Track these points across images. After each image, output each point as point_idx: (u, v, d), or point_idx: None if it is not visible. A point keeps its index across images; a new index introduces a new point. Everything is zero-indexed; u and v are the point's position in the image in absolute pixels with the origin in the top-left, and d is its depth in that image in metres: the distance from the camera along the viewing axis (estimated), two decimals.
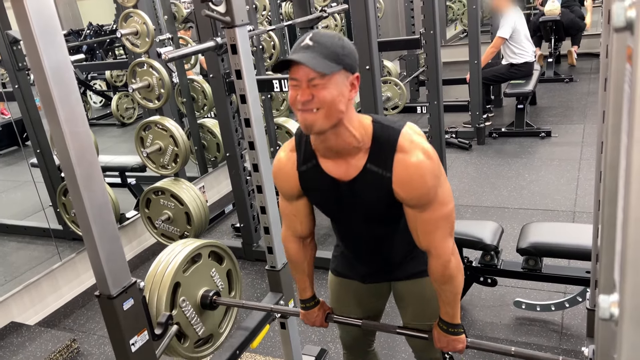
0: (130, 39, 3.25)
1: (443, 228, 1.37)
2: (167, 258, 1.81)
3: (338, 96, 1.25)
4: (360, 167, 1.36)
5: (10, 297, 3.08)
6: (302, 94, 1.24)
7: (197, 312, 1.86)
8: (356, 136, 1.32)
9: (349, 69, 1.27)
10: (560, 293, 2.83)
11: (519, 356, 1.49)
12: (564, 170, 4.31)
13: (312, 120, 1.25)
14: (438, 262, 1.40)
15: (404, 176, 1.31)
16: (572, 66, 7.35)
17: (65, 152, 1.29)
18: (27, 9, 1.18)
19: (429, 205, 1.34)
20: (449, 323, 1.49)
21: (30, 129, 3.73)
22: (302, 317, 1.73)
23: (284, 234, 1.64)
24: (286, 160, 1.46)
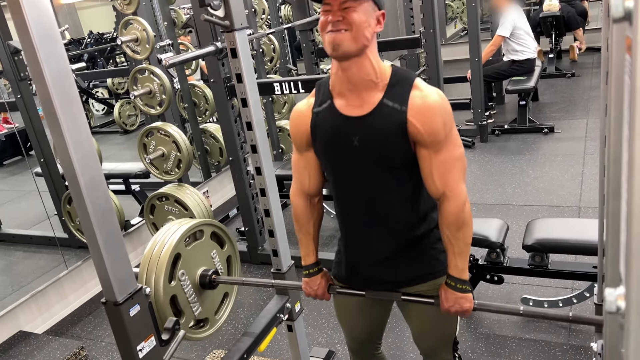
0: (130, 46, 3.26)
1: (457, 169, 1.40)
2: (165, 235, 1.80)
3: (365, 22, 1.33)
4: (375, 104, 1.39)
5: (17, 306, 3.09)
6: (333, 16, 1.33)
7: (195, 291, 1.83)
8: (375, 69, 1.38)
9: (377, 2, 1.37)
10: (567, 289, 2.82)
11: (528, 315, 1.46)
12: (568, 166, 4.29)
13: (340, 40, 1.32)
14: (454, 204, 1.40)
15: (420, 108, 1.36)
16: (573, 61, 7.33)
17: (68, 160, 1.30)
18: (27, 19, 1.19)
19: (444, 143, 1.37)
20: (458, 279, 1.46)
21: (34, 139, 3.74)
22: (304, 285, 1.69)
23: (292, 189, 1.64)
24: (304, 104, 1.52)
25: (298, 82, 2.85)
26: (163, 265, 1.70)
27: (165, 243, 1.76)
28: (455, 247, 1.44)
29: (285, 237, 2.19)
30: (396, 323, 2.71)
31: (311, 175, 1.58)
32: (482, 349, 2.51)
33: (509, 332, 2.59)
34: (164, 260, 1.71)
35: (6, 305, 3.09)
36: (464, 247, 1.44)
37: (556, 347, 2.45)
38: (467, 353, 2.49)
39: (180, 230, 1.80)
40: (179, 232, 1.79)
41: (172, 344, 1.67)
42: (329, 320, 2.89)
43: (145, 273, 1.71)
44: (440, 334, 1.67)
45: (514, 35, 5.17)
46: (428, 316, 1.63)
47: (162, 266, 1.70)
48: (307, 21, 3.71)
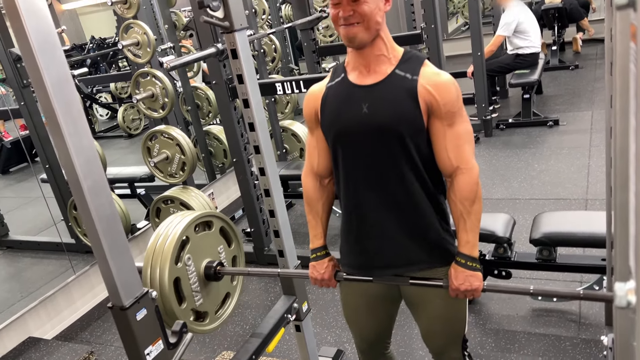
0: (131, 50, 3.26)
1: (469, 144, 1.44)
2: (180, 216, 1.81)
3: (375, 9, 1.38)
4: (387, 73, 1.44)
5: (27, 312, 3.10)
6: (343, 10, 1.37)
7: (199, 281, 1.81)
8: (387, 46, 1.44)
9: None
10: (576, 282, 2.80)
11: (538, 294, 1.44)
12: (574, 158, 4.27)
13: (354, 33, 1.38)
14: (469, 176, 1.43)
15: (434, 81, 1.40)
16: (577, 53, 7.29)
17: (70, 166, 1.30)
18: (26, 26, 1.19)
19: (458, 116, 1.41)
20: (468, 256, 1.46)
21: (39, 145, 3.76)
22: (310, 270, 1.67)
23: (304, 169, 1.67)
24: (320, 83, 1.58)
25: (300, 82, 2.84)
26: (171, 245, 1.69)
27: (176, 224, 1.76)
28: (467, 222, 1.45)
29: (290, 237, 2.18)
30: (404, 320, 2.70)
31: (320, 155, 1.59)
32: (491, 344, 2.50)
33: (518, 327, 2.58)
34: (173, 240, 1.70)
35: (16, 311, 3.10)
36: (476, 222, 1.46)
37: (566, 341, 2.44)
38: (477, 349, 2.47)
39: (192, 215, 1.80)
40: (191, 216, 1.79)
41: (180, 347, 1.66)
42: (337, 319, 2.89)
43: (152, 255, 1.70)
44: (449, 332, 1.66)
45: (518, 31, 5.13)
46: (437, 315, 1.62)
47: (170, 246, 1.69)
48: (308, 20, 3.70)
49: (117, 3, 3.29)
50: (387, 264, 1.56)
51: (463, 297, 1.50)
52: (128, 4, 3.26)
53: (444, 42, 5.16)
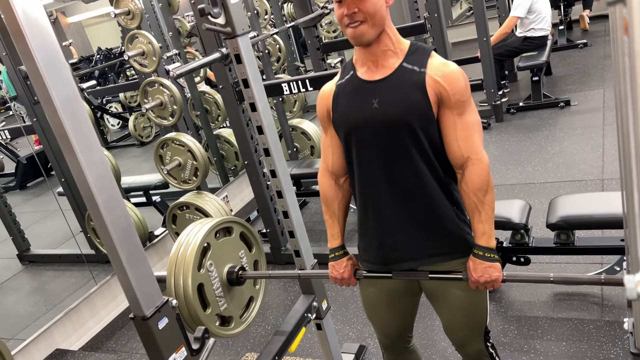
0: (137, 60, 3.29)
1: (479, 134, 1.45)
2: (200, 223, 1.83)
3: (379, 4, 1.39)
4: (394, 67, 1.45)
5: (52, 325, 3.15)
6: (348, 8, 1.38)
7: (222, 286, 1.83)
8: (393, 40, 1.45)
9: None
10: (597, 264, 2.77)
11: (558, 282, 1.42)
12: (588, 138, 4.21)
13: (361, 32, 1.39)
14: (480, 167, 1.43)
15: (442, 72, 1.41)
16: (585, 31, 7.18)
17: (84, 182, 1.32)
18: (31, 47, 1.21)
19: (467, 105, 1.42)
20: (485, 247, 1.46)
21: (53, 159, 3.80)
22: (330, 270, 1.68)
23: (320, 169, 1.68)
24: (331, 82, 1.59)
25: (306, 81, 2.84)
26: (193, 252, 1.71)
27: (197, 232, 1.78)
28: (482, 213, 1.45)
29: (305, 236, 2.19)
30: (425, 312, 2.70)
31: (335, 153, 1.61)
32: (514, 332, 2.49)
33: (540, 313, 2.56)
34: (195, 247, 1.72)
35: (42, 324, 3.16)
36: (490, 212, 1.46)
37: (590, 324, 2.42)
38: (499, 337, 2.47)
39: (212, 222, 1.82)
40: (211, 223, 1.81)
41: (203, 353, 1.68)
42: (357, 315, 2.90)
43: (175, 263, 1.72)
44: (470, 324, 1.66)
45: (531, 11, 5.07)
46: (457, 307, 1.62)
47: (192, 253, 1.71)
48: (310, 17, 3.69)
49: (121, 14, 3.32)
50: (405, 258, 1.57)
51: (483, 288, 1.50)
52: (131, 14, 3.28)
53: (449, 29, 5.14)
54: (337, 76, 1.58)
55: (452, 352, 2.42)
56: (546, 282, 1.43)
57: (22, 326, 3.50)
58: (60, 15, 9.42)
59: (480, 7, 4.85)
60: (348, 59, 1.58)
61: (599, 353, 2.26)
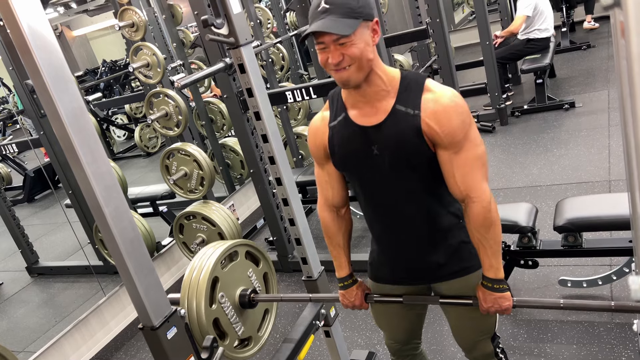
0: (142, 71, 3.32)
1: (479, 169, 1.38)
2: (204, 256, 1.83)
3: (365, 47, 1.31)
4: (388, 110, 1.39)
5: (62, 336, 3.16)
6: (332, 57, 1.31)
7: (236, 311, 1.85)
8: (384, 79, 1.38)
9: (368, 17, 1.32)
10: (605, 266, 2.75)
11: (568, 308, 1.43)
12: (594, 140, 4.20)
13: (347, 77, 1.33)
14: (480, 206, 1.38)
15: (434, 110, 1.34)
16: (590, 30, 7.16)
17: (91, 194, 1.33)
18: (37, 62, 1.22)
19: (464, 143, 1.35)
20: (494, 279, 1.45)
21: (60, 172, 3.83)
22: (341, 298, 1.70)
23: (319, 203, 1.65)
24: (320, 119, 1.53)
25: (310, 89, 2.85)
26: (202, 290, 1.73)
27: (202, 267, 1.78)
28: (487, 248, 1.43)
29: (312, 243, 2.19)
30: (434, 318, 2.69)
31: (334, 188, 1.58)
32: (523, 335, 2.48)
33: (550, 316, 2.55)
34: (203, 285, 1.73)
35: (52, 336, 3.17)
36: (495, 246, 1.43)
37: (600, 326, 2.40)
38: (509, 341, 2.45)
39: (215, 254, 1.82)
40: (214, 256, 1.81)
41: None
42: (366, 321, 2.89)
43: (186, 300, 1.74)
44: (479, 329, 1.65)
45: (535, 12, 5.09)
46: (466, 311, 1.61)
47: (202, 291, 1.73)
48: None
49: (125, 27, 3.36)
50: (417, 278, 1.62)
51: (494, 314, 1.52)
52: (135, 27, 3.32)
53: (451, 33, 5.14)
54: (326, 112, 1.51)
55: (462, 357, 2.41)
56: (556, 308, 1.45)
57: (32, 338, 3.52)
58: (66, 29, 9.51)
59: (482, 11, 4.86)
60: (334, 90, 1.51)
61: (609, 356, 2.24)
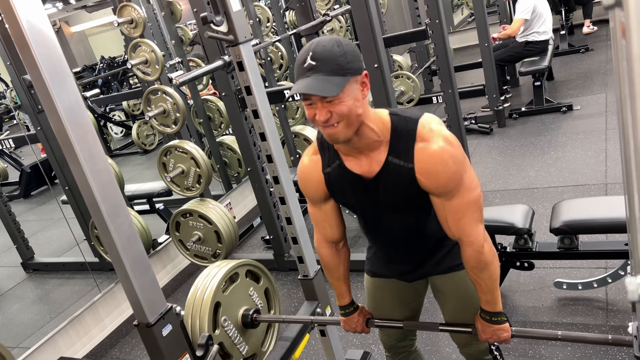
0: (140, 68, 3.31)
1: (472, 214, 1.37)
2: (204, 280, 1.83)
3: (354, 104, 1.26)
4: (382, 161, 1.37)
5: (57, 333, 3.16)
6: (320, 114, 1.26)
7: (239, 332, 1.87)
8: (375, 130, 1.34)
9: (356, 72, 1.28)
10: (601, 269, 2.76)
11: (566, 339, 1.45)
12: (591, 143, 4.21)
13: (336, 133, 1.29)
14: (471, 249, 1.39)
15: (426, 165, 1.32)
16: (588, 33, 7.18)
17: (88, 190, 1.33)
18: (36, 56, 1.22)
19: (456, 191, 1.33)
20: (491, 312, 1.48)
21: (57, 168, 3.82)
22: (342, 324, 1.74)
23: (316, 240, 1.65)
24: (311, 164, 1.49)
25: None
26: (205, 317, 1.74)
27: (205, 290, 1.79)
28: (482, 285, 1.45)
29: (309, 242, 2.19)
30: (429, 318, 2.69)
31: (332, 225, 1.58)
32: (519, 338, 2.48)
33: (545, 318, 2.56)
34: (205, 313, 1.74)
35: (46, 332, 3.16)
36: (490, 284, 1.44)
37: (594, 329, 2.41)
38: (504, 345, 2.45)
39: (215, 279, 1.82)
40: (215, 281, 1.81)
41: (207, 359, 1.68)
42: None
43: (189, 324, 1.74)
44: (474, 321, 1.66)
45: (534, 15, 5.09)
46: (462, 306, 1.64)
47: (204, 318, 1.74)
48: (312, 25, 3.71)
49: (124, 23, 3.35)
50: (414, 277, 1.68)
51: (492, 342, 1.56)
52: (134, 23, 3.31)
53: (451, 34, 5.15)
54: (315, 156, 1.48)
55: (457, 358, 2.41)
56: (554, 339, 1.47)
57: (27, 334, 3.51)
58: (64, 25, 9.49)
59: (481, 13, 4.86)
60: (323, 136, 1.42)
61: (604, 358, 2.25)
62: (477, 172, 4.09)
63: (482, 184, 4.01)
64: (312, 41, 1.27)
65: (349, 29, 6.67)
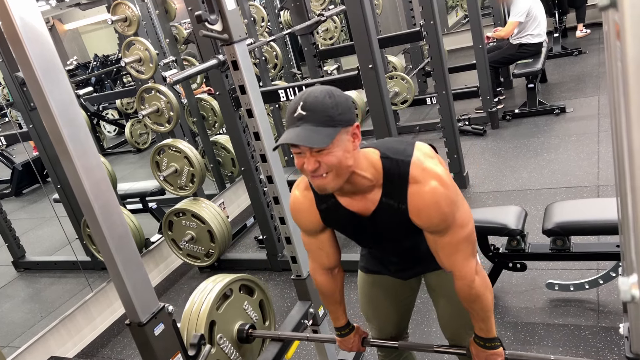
0: (134, 66, 3.30)
1: (464, 250, 1.39)
2: (199, 297, 1.83)
3: (343, 155, 1.26)
4: (376, 201, 1.39)
5: (48, 332, 3.13)
6: (308, 163, 1.25)
7: (235, 347, 1.87)
8: (368, 177, 1.35)
9: (347, 124, 1.26)
10: (592, 270, 2.78)
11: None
12: (583, 145, 4.23)
13: (325, 184, 1.28)
14: (463, 283, 1.42)
15: (419, 207, 1.34)
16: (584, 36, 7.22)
17: (80, 187, 1.32)
18: (28, 53, 1.21)
19: (448, 229, 1.36)
20: (485, 338, 1.50)
21: (49, 166, 3.80)
22: (338, 343, 1.76)
23: (311, 267, 1.66)
24: (303, 198, 1.48)
25: (303, 87, 2.85)
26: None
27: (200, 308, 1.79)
28: (474, 314, 1.48)
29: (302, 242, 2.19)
30: (422, 318, 2.70)
31: (329, 254, 1.59)
32: (510, 337, 2.49)
33: (537, 319, 2.57)
34: (200, 331, 1.74)
35: (37, 331, 3.14)
36: (482, 314, 1.46)
37: (586, 329, 2.42)
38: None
39: (210, 296, 1.81)
40: (209, 299, 1.80)
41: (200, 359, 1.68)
42: (353, 321, 2.87)
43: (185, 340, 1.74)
44: (467, 323, 1.67)
45: (528, 18, 5.12)
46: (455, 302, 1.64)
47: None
48: (307, 25, 3.71)
49: (118, 21, 3.33)
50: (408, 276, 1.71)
51: None
52: (128, 21, 3.29)
53: (445, 36, 5.16)
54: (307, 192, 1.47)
55: (449, 358, 2.42)
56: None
57: (17, 333, 3.49)
58: (57, 22, 9.42)
59: (475, 15, 4.88)
60: None
61: (595, 359, 2.26)
62: (471, 173, 4.10)
63: (475, 185, 4.03)
64: (305, 91, 1.26)
65: (344, 30, 6.67)
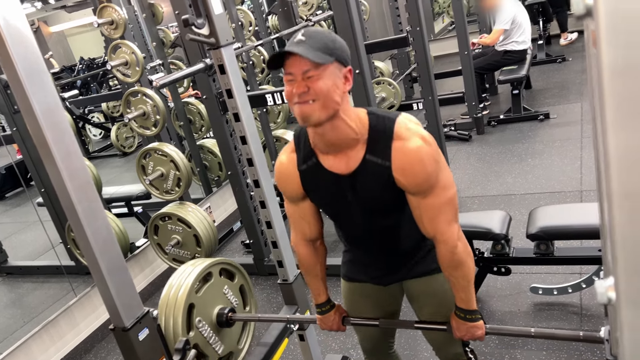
0: (120, 69, 3.28)
1: (447, 213, 1.39)
2: (178, 281, 1.81)
3: (332, 86, 1.28)
4: (359, 159, 1.38)
5: (30, 337, 3.09)
6: (297, 87, 1.27)
7: (214, 331, 1.85)
8: (353, 127, 1.35)
9: (342, 61, 1.31)
10: (575, 274, 2.81)
11: (539, 336, 1.48)
12: (567, 151, 4.29)
13: (309, 112, 1.28)
14: (445, 248, 1.41)
15: (403, 163, 1.33)
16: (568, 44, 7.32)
17: (64, 191, 1.31)
18: (12, 55, 1.20)
19: (431, 190, 1.35)
20: (465, 310, 1.49)
21: (33, 169, 3.76)
22: (318, 322, 1.73)
23: (293, 238, 1.65)
24: (287, 161, 1.49)
25: None
26: (178, 319, 1.72)
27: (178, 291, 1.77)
28: (456, 284, 1.47)
29: (288, 247, 2.19)
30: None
31: (310, 223, 1.58)
32: (495, 341, 2.51)
33: (521, 323, 2.59)
34: (179, 315, 1.72)
35: (19, 337, 3.09)
36: (464, 282, 1.46)
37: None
38: (481, 347, 2.48)
39: (189, 280, 1.80)
40: (188, 282, 1.79)
41: None
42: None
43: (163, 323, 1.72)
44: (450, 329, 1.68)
45: (513, 25, 5.18)
46: (436, 310, 1.66)
47: (178, 321, 1.71)
48: (294, 30, 3.72)
49: (104, 24, 3.32)
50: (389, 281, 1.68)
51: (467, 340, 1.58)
52: (115, 24, 3.28)
53: (431, 42, 5.20)
54: (293, 154, 1.48)
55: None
56: (527, 337, 1.50)
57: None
58: (43, 25, 9.34)
59: (461, 22, 4.93)
60: (300, 130, 1.47)
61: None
62: (456, 178, 4.13)
63: (461, 190, 4.06)
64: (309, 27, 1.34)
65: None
